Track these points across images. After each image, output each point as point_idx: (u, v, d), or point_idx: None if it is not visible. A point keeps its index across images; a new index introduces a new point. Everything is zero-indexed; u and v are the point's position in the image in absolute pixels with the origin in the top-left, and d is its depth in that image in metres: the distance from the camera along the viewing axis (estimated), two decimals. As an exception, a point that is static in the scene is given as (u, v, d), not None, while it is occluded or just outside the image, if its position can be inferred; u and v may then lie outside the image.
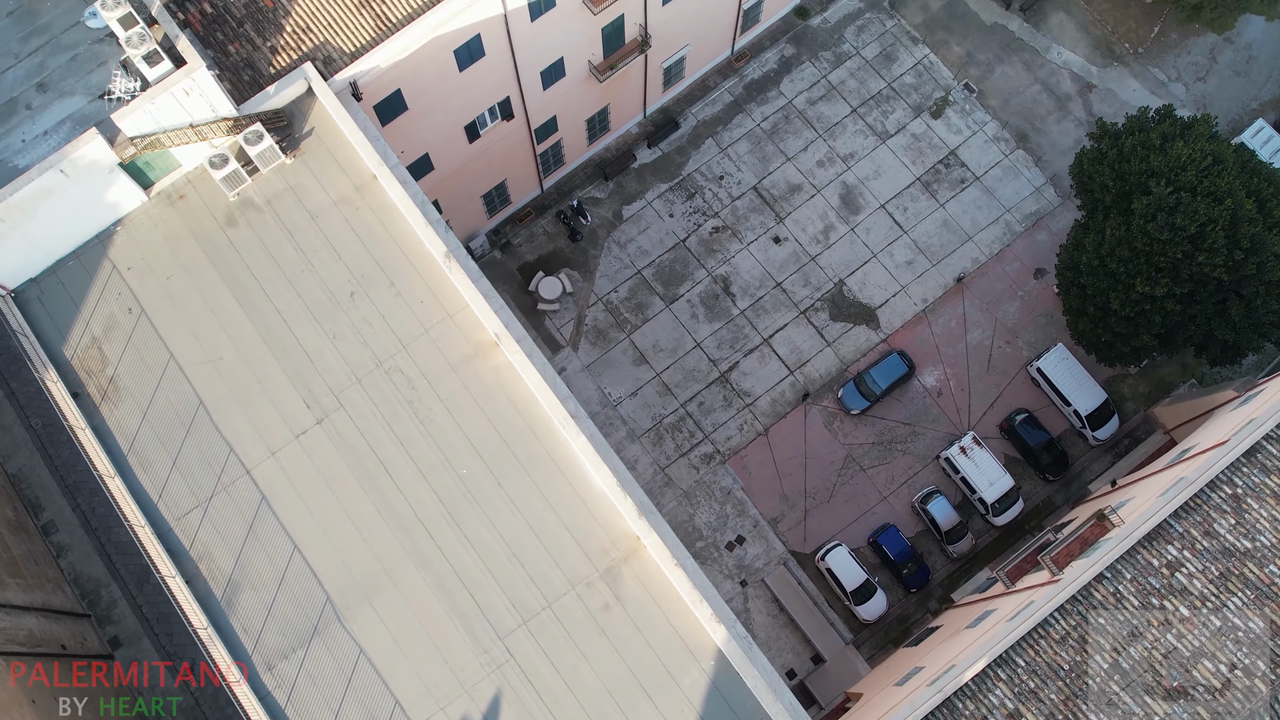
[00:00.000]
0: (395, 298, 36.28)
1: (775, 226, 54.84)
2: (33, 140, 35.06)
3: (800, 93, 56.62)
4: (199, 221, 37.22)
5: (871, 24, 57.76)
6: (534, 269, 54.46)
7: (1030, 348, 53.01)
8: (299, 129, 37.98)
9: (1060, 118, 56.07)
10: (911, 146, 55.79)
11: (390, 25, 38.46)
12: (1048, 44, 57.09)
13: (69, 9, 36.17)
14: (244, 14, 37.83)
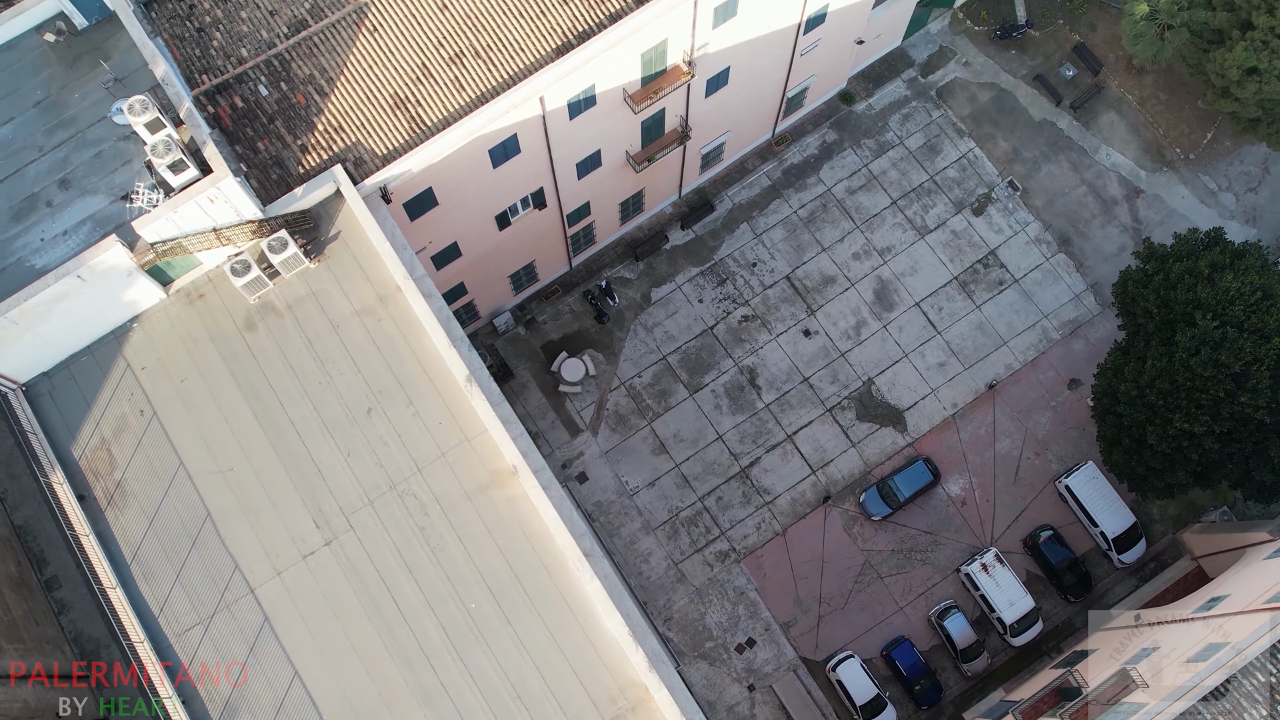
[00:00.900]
0: (413, 417, 35.29)
1: (806, 319, 53.65)
2: (51, 240, 34.22)
3: (840, 181, 55.35)
4: (217, 323, 36.32)
5: (917, 113, 56.42)
6: (558, 348, 53.42)
7: (1060, 461, 51.72)
8: (325, 231, 37.02)
9: (1105, 222, 54.66)
10: (951, 243, 54.48)
11: (425, 129, 37.41)
12: (1097, 144, 55.65)
13: (96, 102, 35.31)
14: (275, 110, 36.85)
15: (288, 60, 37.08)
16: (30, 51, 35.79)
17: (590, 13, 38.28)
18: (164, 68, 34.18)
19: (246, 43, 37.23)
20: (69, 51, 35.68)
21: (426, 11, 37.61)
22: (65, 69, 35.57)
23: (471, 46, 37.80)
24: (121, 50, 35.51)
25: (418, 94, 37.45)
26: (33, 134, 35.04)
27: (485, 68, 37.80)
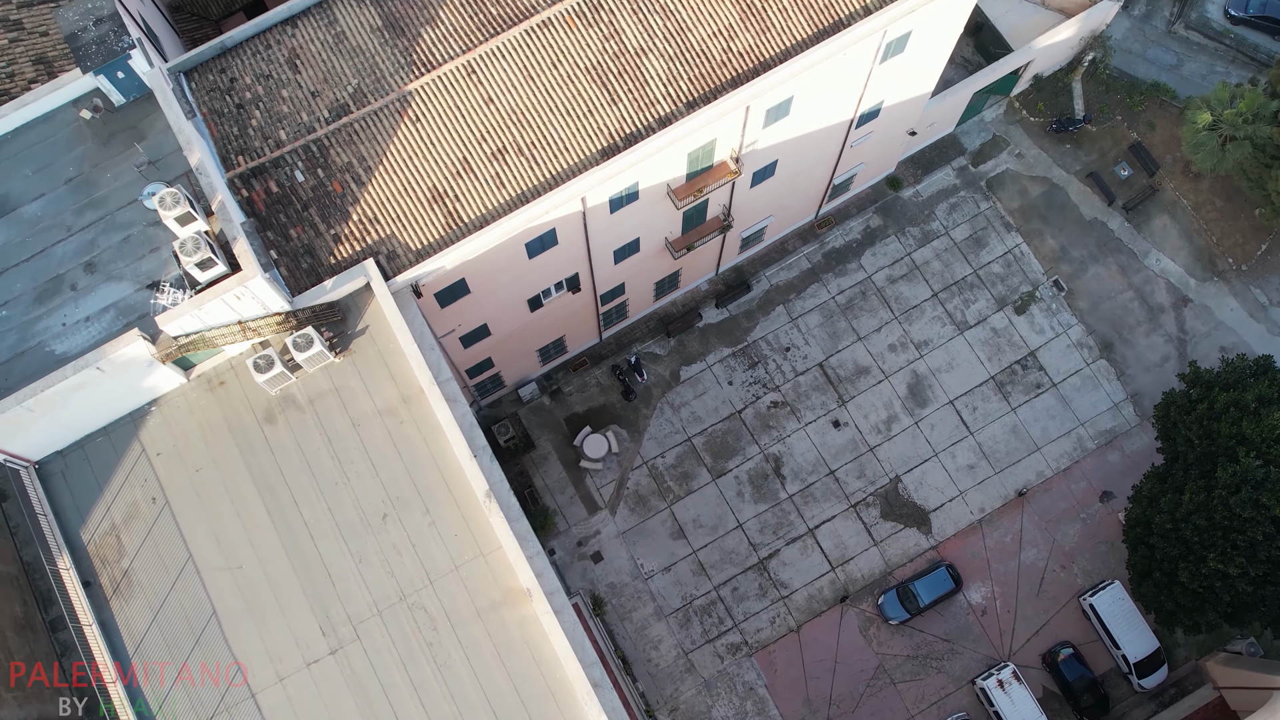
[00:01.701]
0: (429, 526, 34.45)
1: (837, 409, 52.51)
2: (73, 325, 33.49)
3: (881, 268, 54.15)
4: (237, 413, 35.56)
5: (965, 203, 55.12)
6: (582, 421, 52.49)
7: (1086, 576, 50.47)
8: (353, 325, 36.18)
9: (1150, 330, 53.28)
10: (990, 341, 53.21)
11: (462, 225, 36.48)
12: (1147, 249, 54.23)
13: (128, 184, 34.55)
14: (311, 197, 36.00)
15: (326, 146, 36.20)
16: (66, 126, 35.05)
17: (639, 115, 37.25)
18: (198, 155, 33.36)
19: (286, 124, 36.37)
20: (104, 128, 34.91)
21: (471, 104, 36.65)
22: (99, 146, 34.81)
23: (515, 143, 36.82)
24: (157, 131, 34.70)
25: (457, 188, 36.51)
26: (62, 212, 34.30)
27: (528, 165, 36.83)
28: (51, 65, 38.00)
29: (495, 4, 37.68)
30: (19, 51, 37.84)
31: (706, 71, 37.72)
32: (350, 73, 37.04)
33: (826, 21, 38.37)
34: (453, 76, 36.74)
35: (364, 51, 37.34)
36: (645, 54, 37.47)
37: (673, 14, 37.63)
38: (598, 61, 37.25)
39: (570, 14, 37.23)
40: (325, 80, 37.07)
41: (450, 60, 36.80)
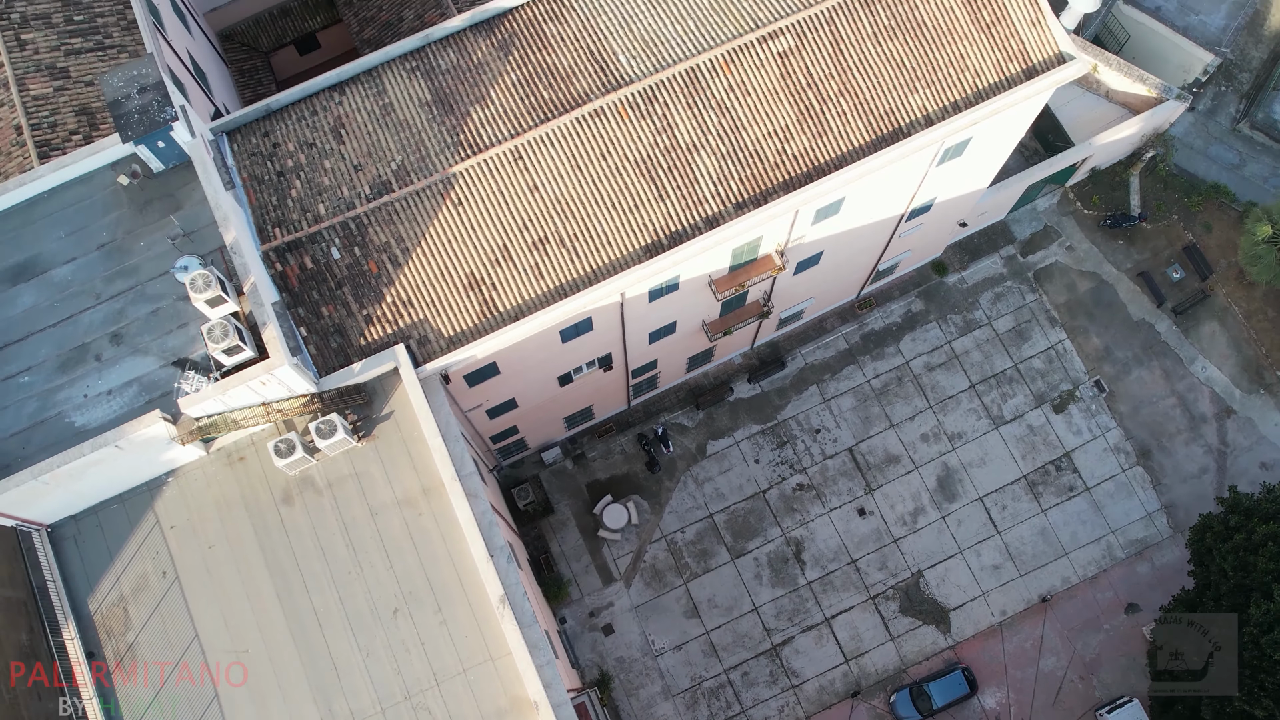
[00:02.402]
0: (440, 625, 33.73)
1: (863, 497, 51.50)
2: (95, 398, 32.87)
3: (920, 355, 53.05)
4: (254, 491, 34.91)
5: (1010, 294, 53.94)
6: (604, 489, 51.66)
7: (1104, 689, 49.32)
8: (378, 409, 35.47)
9: (1190, 439, 52.00)
10: (1025, 439, 52.05)
11: (496, 315, 35.68)
12: (1194, 355, 52.91)
13: (161, 255, 33.88)
14: (345, 275, 35.27)
15: (365, 225, 35.45)
16: (103, 189, 34.42)
17: (686, 213, 36.34)
18: (234, 233, 32.69)
19: (326, 198, 35.64)
20: (141, 194, 34.26)
21: (515, 191, 35.81)
22: (135, 212, 34.16)
23: (557, 233, 35.98)
24: (194, 201, 34.02)
25: (494, 277, 35.71)
26: (93, 279, 33.69)
27: (568, 257, 35.99)
28: (94, 116, 37.40)
29: (548, 88, 36.81)
30: (63, 101, 37.23)
31: (758, 172, 36.76)
32: (395, 148, 36.28)
33: (885, 129, 37.33)
34: (499, 161, 35.91)
35: (410, 126, 36.56)
36: (697, 150, 36.54)
37: (728, 111, 36.68)
38: (648, 155, 36.35)
39: (624, 104, 36.32)
40: (369, 154, 36.31)
41: (498, 144, 35.96)
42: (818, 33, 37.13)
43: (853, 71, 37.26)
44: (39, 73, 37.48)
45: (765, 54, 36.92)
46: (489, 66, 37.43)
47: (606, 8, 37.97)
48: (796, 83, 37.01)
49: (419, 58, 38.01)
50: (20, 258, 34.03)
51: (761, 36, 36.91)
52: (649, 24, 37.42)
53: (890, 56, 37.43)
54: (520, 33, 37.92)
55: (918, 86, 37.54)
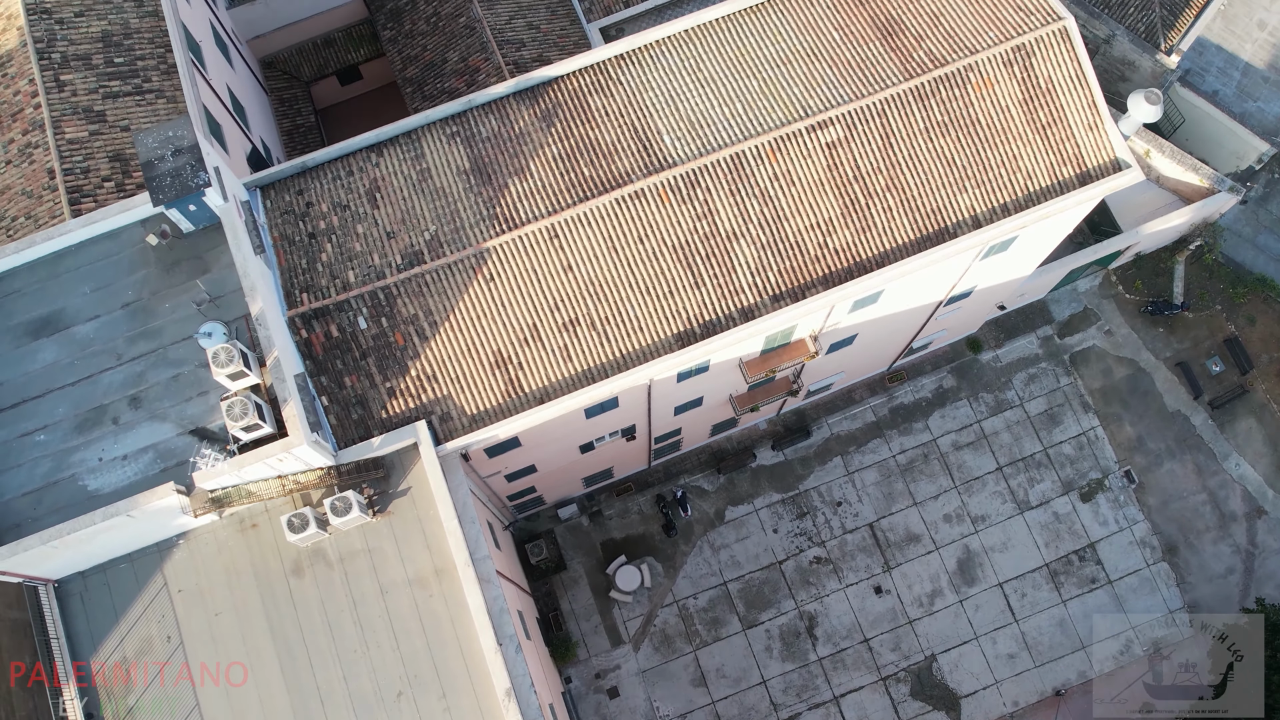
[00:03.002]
0: (443, 712, 33.13)
1: (881, 575, 50.66)
2: (110, 462, 32.34)
3: (948, 433, 52.12)
4: (264, 560, 34.36)
5: (1044, 376, 52.93)
6: (618, 549, 50.98)
7: (1114, 790, 48.42)
8: (395, 483, 34.85)
9: (1218, 538, 50.93)
10: (1050, 526, 51.10)
11: (522, 396, 35.00)
12: (1228, 451, 51.80)
13: (185, 318, 33.29)
14: (370, 346, 34.66)
15: (394, 295, 34.83)
16: (131, 246, 33.88)
17: (721, 302, 35.58)
18: (260, 304, 32.11)
19: (356, 265, 35.03)
20: (169, 254, 33.70)
21: (549, 270, 35.11)
22: (161, 272, 33.60)
23: (589, 315, 35.27)
24: (222, 265, 33.43)
25: (522, 356, 35.02)
26: (115, 338, 33.14)
27: (598, 341, 35.28)
28: (127, 163, 36.87)
29: (589, 164, 36.09)
30: (97, 146, 36.72)
31: (798, 265, 35.95)
32: (430, 217, 35.63)
33: (930, 228, 36.46)
34: (534, 238, 35.21)
35: (447, 195, 35.91)
36: (737, 239, 35.75)
37: (771, 200, 35.87)
38: (686, 240, 35.59)
39: (665, 187, 35.56)
40: (403, 221, 35.67)
41: (534, 221, 35.25)
42: (868, 125, 36.26)
43: (901, 166, 36.38)
44: (75, 115, 36.96)
45: (813, 144, 36.07)
46: (530, 137, 36.73)
47: (653, 84, 37.21)
48: (843, 175, 36.17)
49: (460, 123, 37.34)
50: (44, 311, 33.53)
51: (810, 125, 36.07)
52: (695, 104, 36.64)
53: (941, 153, 36.53)
54: (564, 103, 37.20)
55: (967, 185, 36.63)
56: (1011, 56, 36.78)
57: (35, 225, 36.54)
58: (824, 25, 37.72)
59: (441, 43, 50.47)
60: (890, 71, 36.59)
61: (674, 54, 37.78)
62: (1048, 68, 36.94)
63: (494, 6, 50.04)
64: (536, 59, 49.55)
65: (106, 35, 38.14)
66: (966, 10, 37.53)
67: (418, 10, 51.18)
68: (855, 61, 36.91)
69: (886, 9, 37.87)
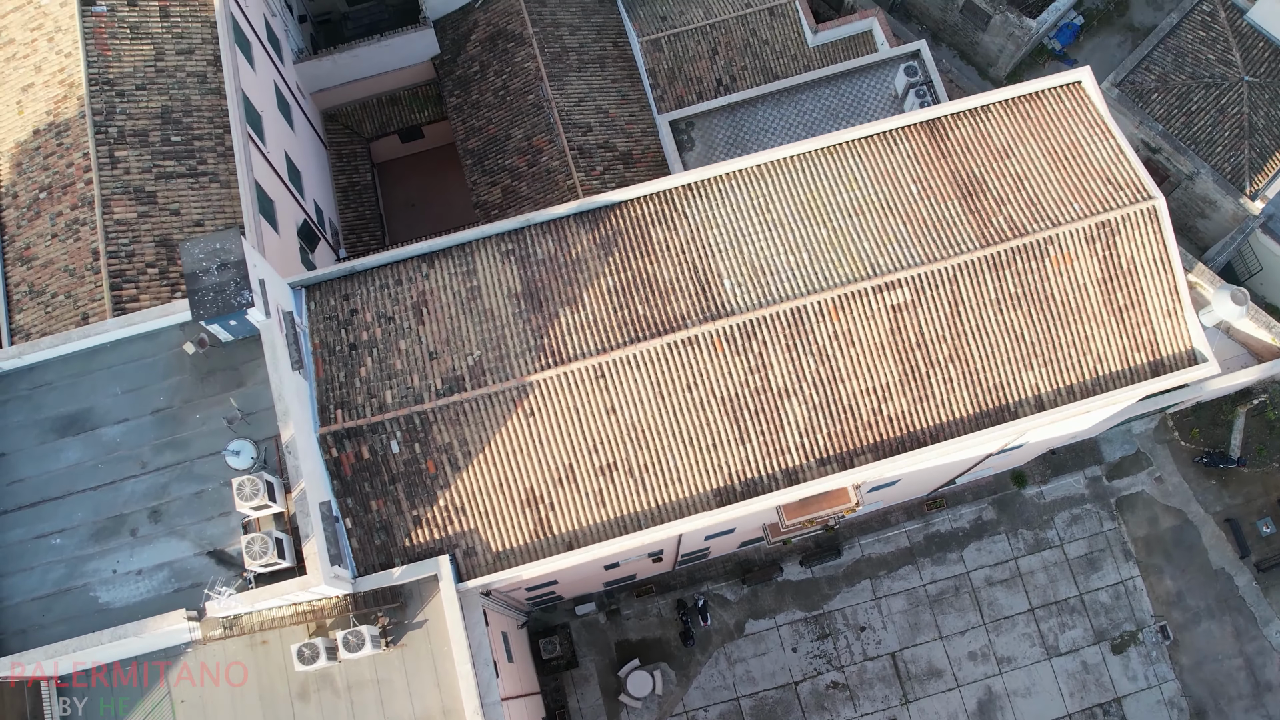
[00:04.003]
0: None
1: (898, 708, 49.31)
2: (124, 575, 31.55)
3: (982, 567, 50.65)
4: (271, 680, 33.44)
5: (1088, 518, 51.32)
6: (633, 651, 49.89)
7: None
8: (411, 613, 33.85)
9: (1251, 706, 49.25)
10: (1076, 675, 49.57)
11: (550, 538, 33.95)
12: (1270, 617, 50.08)
13: (215, 432, 32.38)
14: (401, 471, 33.66)
15: (430, 421, 33.78)
16: (166, 349, 32.98)
17: (766, 461, 34.33)
18: (292, 430, 31.13)
19: (395, 385, 34.01)
20: (205, 362, 32.75)
21: (591, 411, 33.97)
22: (195, 381, 32.69)
23: (627, 461, 34.11)
24: (257, 380, 32.48)
25: (554, 496, 33.93)
26: (142, 445, 32.28)
27: (635, 488, 34.12)
28: (174, 249, 36.00)
29: (644, 302, 34.89)
30: (144, 229, 35.86)
31: (849, 429, 34.62)
32: (475, 340, 34.56)
33: (990, 404, 35.02)
34: (580, 375, 34.06)
35: (495, 318, 34.84)
36: (788, 396, 34.45)
37: (828, 360, 34.54)
38: (737, 393, 34.34)
39: (721, 336, 34.31)
40: (447, 341, 34.62)
41: (582, 358, 34.10)
42: (938, 290, 34.85)
43: (968, 336, 34.96)
44: (126, 195, 36.09)
45: (878, 304, 34.71)
46: (587, 265, 35.58)
47: (719, 220, 35.96)
48: (906, 340, 34.79)
49: (516, 240, 36.25)
50: (73, 408, 32.71)
51: (877, 285, 34.70)
52: (760, 248, 35.36)
53: (1010, 326, 35.07)
54: (625, 231, 36.02)
55: (1033, 363, 35.15)
56: (1095, 232, 35.24)
57: (74, 305, 35.75)
58: (903, 176, 36.29)
59: (507, 118, 49.34)
60: (967, 235, 35.13)
61: (744, 190, 36.49)
62: (1131, 247, 35.37)
63: (564, 86, 48.84)
64: (601, 145, 48.39)
65: (166, 111, 37.21)
66: (1052, 177, 35.99)
67: (486, 81, 50.05)
68: (931, 220, 35.47)
69: (969, 165, 36.40)
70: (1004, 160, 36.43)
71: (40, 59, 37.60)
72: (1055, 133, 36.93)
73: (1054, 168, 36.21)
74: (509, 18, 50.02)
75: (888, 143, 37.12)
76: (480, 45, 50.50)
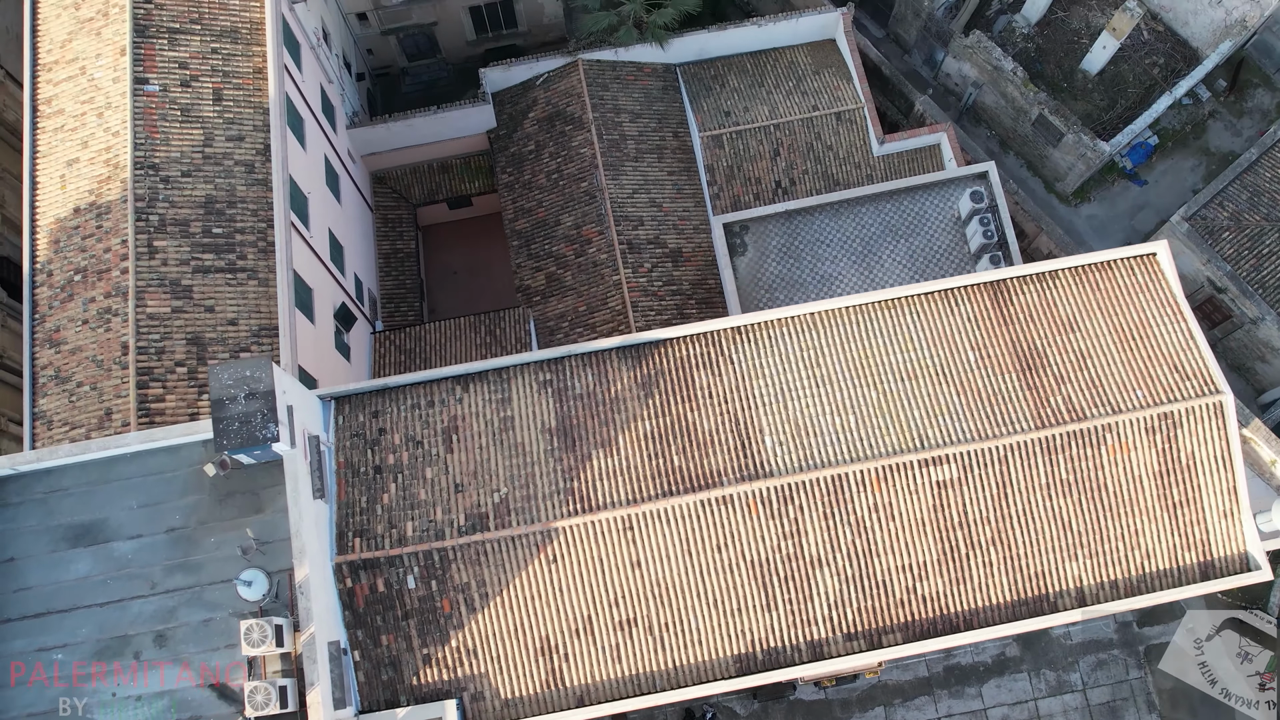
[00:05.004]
0: None
1: (900, 843, 48.12)
2: (123, 700, 30.74)
3: (1001, 704, 49.30)
4: (262, 809, 32.52)
5: (1114, 664, 49.85)
6: (634, 755, 48.90)
7: None
8: (411, 754, 32.87)
9: None
10: (1087, 827, 48.20)
11: (562, 690, 32.96)
12: (1293, 785, 48.50)
13: (228, 558, 31.47)
14: (414, 607, 32.73)
15: (450, 559, 32.81)
16: (187, 465, 32.06)
17: (790, 631, 33.28)
18: (306, 569, 30.18)
19: (417, 516, 33.03)
20: (225, 483, 31.81)
21: (616, 563, 32.97)
22: (213, 502, 31.77)
23: (648, 618, 33.03)
24: (276, 509, 31.49)
25: (570, 647, 32.90)
26: (153, 565, 31.41)
27: (654, 646, 33.07)
28: (205, 348, 35.06)
29: (681, 453, 33.72)
30: (177, 326, 34.93)
31: (880, 606, 33.40)
32: (503, 476, 33.51)
33: (1030, 593, 33.73)
34: (608, 525, 32.99)
35: (526, 453, 33.76)
36: (821, 566, 33.26)
37: (865, 532, 33.31)
38: (767, 559, 33.18)
39: (756, 497, 33.12)
40: (475, 474, 33.59)
41: (612, 508, 33.00)
42: (987, 469, 33.50)
43: (1013, 519, 33.63)
44: (161, 287, 35.17)
45: (923, 479, 33.41)
46: (625, 405, 34.44)
47: (766, 370, 34.75)
48: (948, 518, 33.50)
49: (555, 370, 35.17)
50: (87, 518, 31.87)
51: (924, 459, 33.38)
52: (806, 405, 34.12)
53: (1057, 513, 33.72)
54: (668, 372, 34.85)
55: (1078, 553, 33.81)
56: (1156, 423, 33.79)
57: (99, 399, 34.90)
58: (961, 341, 34.94)
59: (558, 203, 48.18)
60: (1023, 414, 33.76)
61: (794, 339, 35.26)
62: (1192, 442, 33.91)
63: (619, 176, 47.62)
64: (652, 241, 47.20)
65: (210, 201, 36.26)
66: (1117, 358, 34.56)
67: (540, 162, 48.88)
68: (987, 393, 34.12)
69: (1031, 336, 35.01)
70: (1068, 334, 35.01)
71: (88, 134, 36.73)
72: (1124, 308, 35.49)
73: (1119, 347, 34.76)
74: (569, 99, 48.80)
75: (949, 301, 35.78)
76: (538, 124, 49.31)
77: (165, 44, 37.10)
